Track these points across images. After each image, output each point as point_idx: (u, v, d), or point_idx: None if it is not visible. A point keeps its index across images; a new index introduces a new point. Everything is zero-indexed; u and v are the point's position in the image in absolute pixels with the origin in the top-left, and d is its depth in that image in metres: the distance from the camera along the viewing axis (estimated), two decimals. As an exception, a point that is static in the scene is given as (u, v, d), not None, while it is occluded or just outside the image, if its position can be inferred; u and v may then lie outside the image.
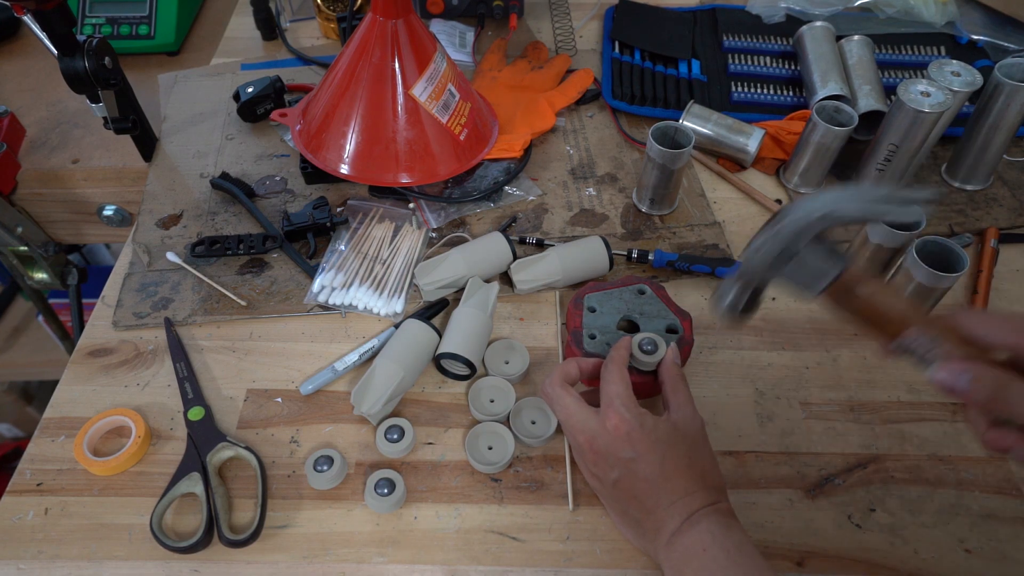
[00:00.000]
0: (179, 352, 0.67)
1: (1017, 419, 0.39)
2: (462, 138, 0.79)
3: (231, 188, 0.80)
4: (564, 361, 0.59)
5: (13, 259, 0.96)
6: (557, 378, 0.56)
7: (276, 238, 0.75)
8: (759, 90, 0.94)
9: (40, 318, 1.39)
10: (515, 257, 0.72)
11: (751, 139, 0.83)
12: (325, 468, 0.57)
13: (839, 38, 0.93)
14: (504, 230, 0.77)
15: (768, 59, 0.98)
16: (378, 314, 0.70)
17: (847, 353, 0.68)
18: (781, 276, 0.47)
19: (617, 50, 1.00)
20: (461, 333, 0.64)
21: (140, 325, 0.69)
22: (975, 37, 1.00)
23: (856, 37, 0.91)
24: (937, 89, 0.72)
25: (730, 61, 0.98)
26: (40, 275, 0.99)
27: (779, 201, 0.82)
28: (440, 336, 0.65)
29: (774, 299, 0.72)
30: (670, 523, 0.49)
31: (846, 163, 0.83)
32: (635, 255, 0.74)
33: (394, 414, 0.63)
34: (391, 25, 0.72)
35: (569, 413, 0.54)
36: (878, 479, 0.59)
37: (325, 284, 0.71)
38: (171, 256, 0.74)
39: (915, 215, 0.41)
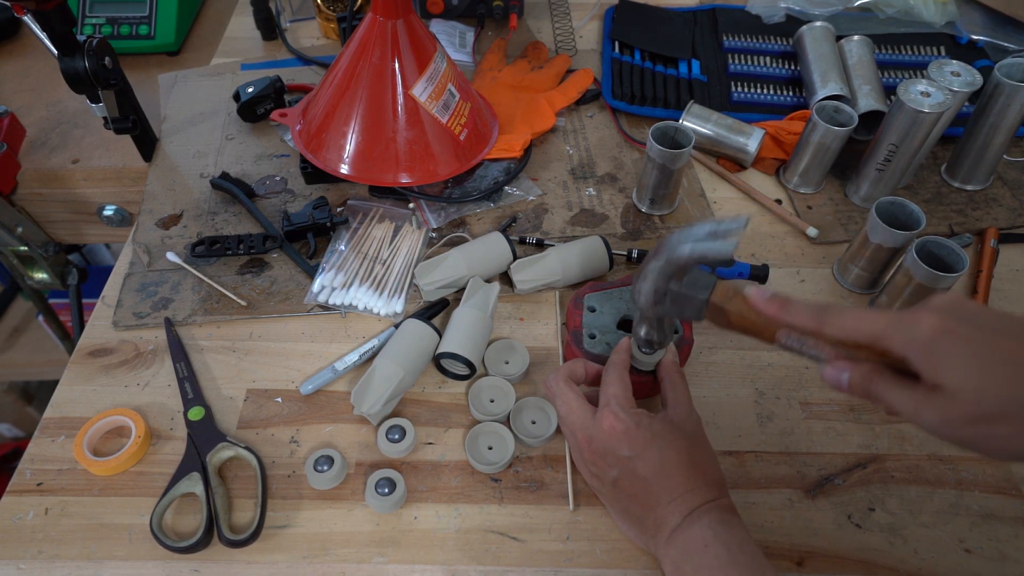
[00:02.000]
0: (179, 352, 0.67)
1: (884, 406, 0.43)
2: (462, 138, 0.79)
3: (231, 188, 0.80)
4: (572, 360, 0.60)
5: (13, 259, 0.96)
6: (562, 374, 0.57)
7: (276, 238, 0.75)
8: (759, 90, 0.94)
9: (40, 318, 1.39)
10: (515, 257, 0.72)
11: (751, 139, 0.83)
12: (325, 468, 0.57)
13: (839, 38, 0.93)
14: (504, 230, 0.77)
15: (768, 59, 0.98)
16: (378, 314, 0.70)
17: (847, 353, 0.68)
18: (665, 313, 0.52)
19: (617, 50, 1.00)
20: (461, 333, 0.64)
21: (140, 325, 0.69)
22: (975, 37, 1.00)
23: (856, 37, 0.91)
24: (937, 89, 0.72)
25: (730, 61, 0.98)
26: (40, 275, 0.99)
27: (779, 201, 0.82)
28: (440, 336, 0.65)
29: (774, 299, 0.72)
30: (671, 519, 0.49)
31: (846, 163, 0.83)
32: (635, 255, 0.74)
33: (394, 414, 0.63)
34: (391, 25, 0.72)
35: (570, 409, 0.54)
36: (878, 479, 0.59)
37: (325, 284, 0.71)
38: (171, 256, 0.74)
39: (730, 249, 0.48)
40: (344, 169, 0.77)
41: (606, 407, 0.53)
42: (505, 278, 0.73)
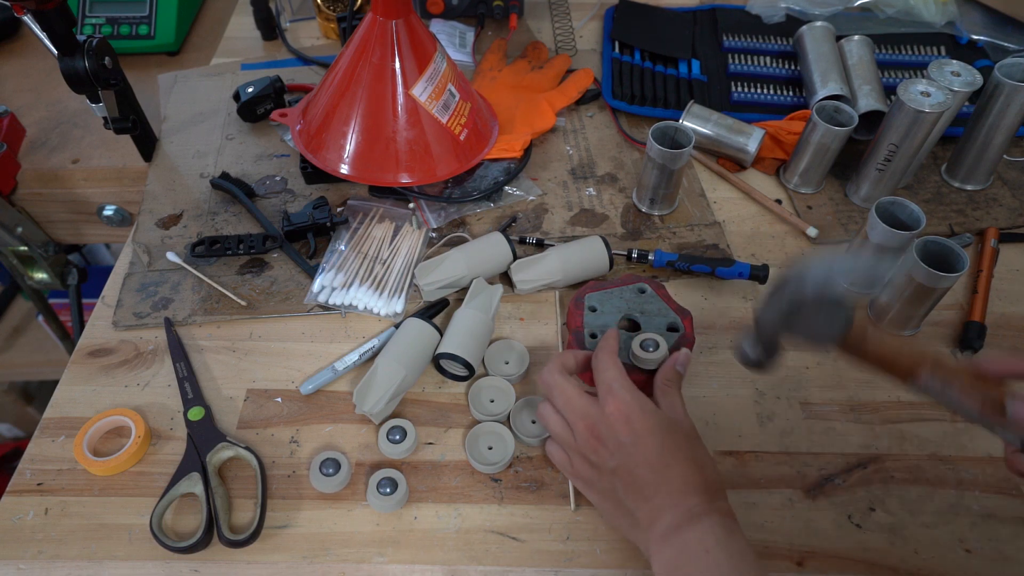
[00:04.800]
0: (179, 352, 0.67)
1: None
2: (462, 138, 0.79)
3: (231, 188, 0.80)
4: (561, 352, 0.59)
5: (13, 259, 0.96)
6: (556, 367, 0.56)
7: (276, 238, 0.75)
8: (759, 90, 0.94)
9: (40, 318, 1.39)
10: (515, 257, 0.72)
11: (751, 139, 0.83)
12: (332, 472, 0.57)
13: (839, 38, 0.93)
14: (504, 230, 0.77)
15: (768, 59, 0.98)
16: (378, 314, 0.70)
17: (847, 353, 0.68)
18: (791, 335, 0.50)
19: (617, 50, 1.00)
20: (461, 334, 0.64)
21: (140, 325, 0.69)
22: (975, 37, 1.00)
23: (856, 37, 0.91)
24: (937, 89, 0.72)
25: (730, 61, 0.98)
26: (40, 275, 0.99)
27: (779, 201, 0.82)
28: (441, 336, 0.65)
29: (774, 299, 0.72)
30: (667, 515, 0.48)
31: (846, 163, 0.83)
32: (635, 255, 0.74)
33: (395, 414, 0.63)
34: (391, 25, 0.72)
35: (568, 398, 0.54)
36: (878, 479, 0.59)
37: (325, 284, 0.71)
38: (171, 256, 0.74)
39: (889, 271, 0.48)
40: (344, 169, 0.77)
41: (608, 392, 0.52)
42: (505, 278, 0.73)
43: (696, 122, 0.85)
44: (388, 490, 0.56)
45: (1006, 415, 0.43)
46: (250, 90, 0.89)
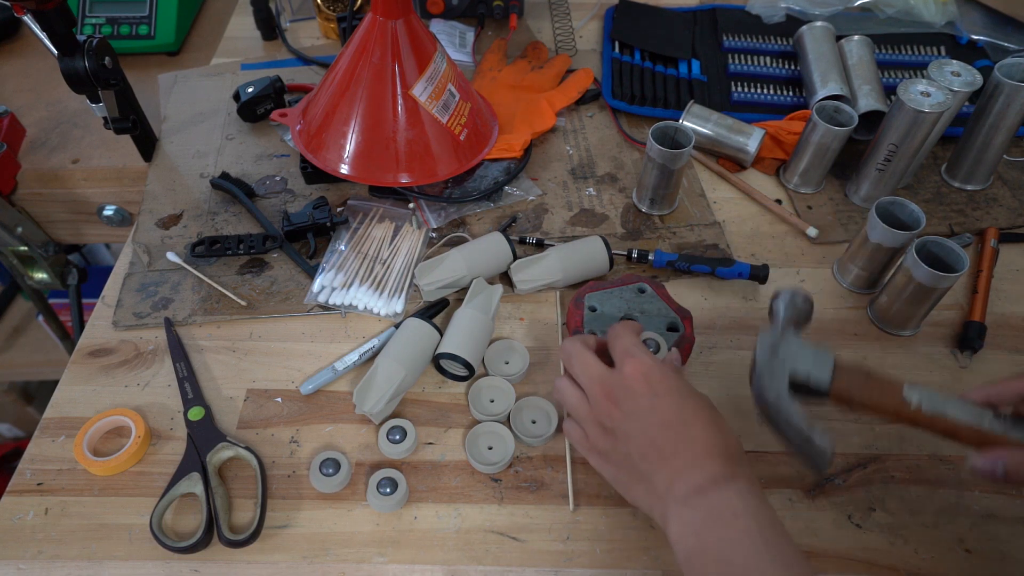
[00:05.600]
0: (179, 352, 0.67)
1: None
2: (462, 138, 0.79)
3: (231, 188, 0.80)
4: (582, 334, 0.59)
5: (13, 259, 0.96)
6: (576, 338, 0.55)
7: (276, 238, 0.75)
8: (759, 90, 0.94)
9: (40, 318, 1.39)
10: (515, 257, 0.72)
11: (751, 139, 0.83)
12: (332, 472, 0.57)
13: (839, 38, 0.93)
14: (504, 230, 0.77)
15: (768, 59, 0.98)
16: (378, 314, 0.70)
17: (847, 353, 0.68)
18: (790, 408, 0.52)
19: (617, 50, 1.00)
20: (461, 334, 0.64)
21: (140, 325, 0.69)
22: (975, 37, 1.00)
23: (856, 37, 0.91)
24: (937, 89, 0.72)
25: (730, 61, 0.98)
26: (40, 275, 0.99)
27: (779, 201, 0.82)
28: (441, 336, 0.65)
29: (774, 299, 0.72)
30: (689, 476, 0.46)
31: (846, 163, 0.83)
32: (635, 255, 0.74)
33: (395, 414, 0.63)
34: (391, 25, 0.72)
35: (586, 364, 0.52)
36: (878, 479, 0.59)
37: (325, 284, 0.71)
38: (171, 256, 0.74)
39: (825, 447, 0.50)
40: (344, 169, 0.77)
41: (625, 354, 0.51)
42: (505, 278, 0.73)
43: (696, 122, 0.85)
44: (388, 490, 0.56)
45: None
46: (250, 90, 0.89)
